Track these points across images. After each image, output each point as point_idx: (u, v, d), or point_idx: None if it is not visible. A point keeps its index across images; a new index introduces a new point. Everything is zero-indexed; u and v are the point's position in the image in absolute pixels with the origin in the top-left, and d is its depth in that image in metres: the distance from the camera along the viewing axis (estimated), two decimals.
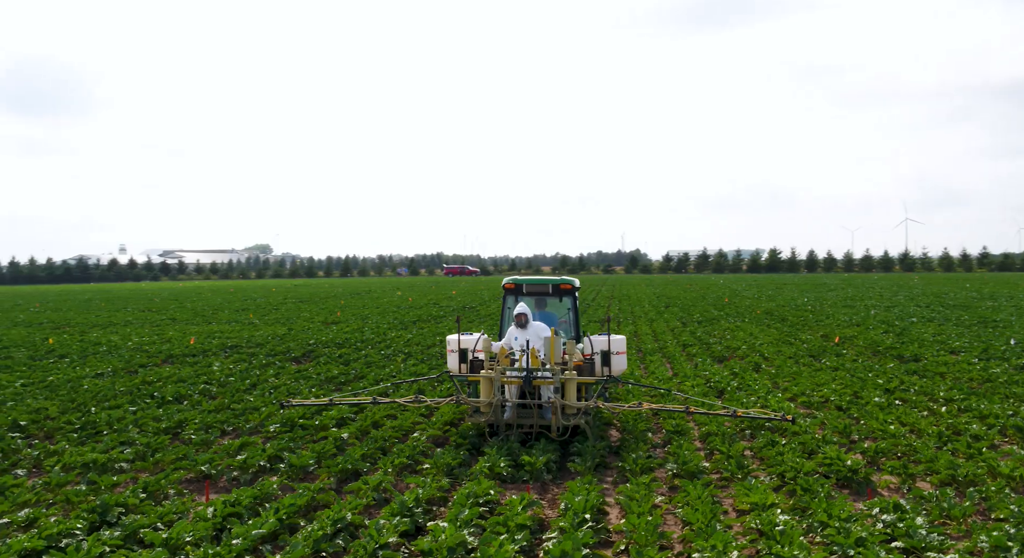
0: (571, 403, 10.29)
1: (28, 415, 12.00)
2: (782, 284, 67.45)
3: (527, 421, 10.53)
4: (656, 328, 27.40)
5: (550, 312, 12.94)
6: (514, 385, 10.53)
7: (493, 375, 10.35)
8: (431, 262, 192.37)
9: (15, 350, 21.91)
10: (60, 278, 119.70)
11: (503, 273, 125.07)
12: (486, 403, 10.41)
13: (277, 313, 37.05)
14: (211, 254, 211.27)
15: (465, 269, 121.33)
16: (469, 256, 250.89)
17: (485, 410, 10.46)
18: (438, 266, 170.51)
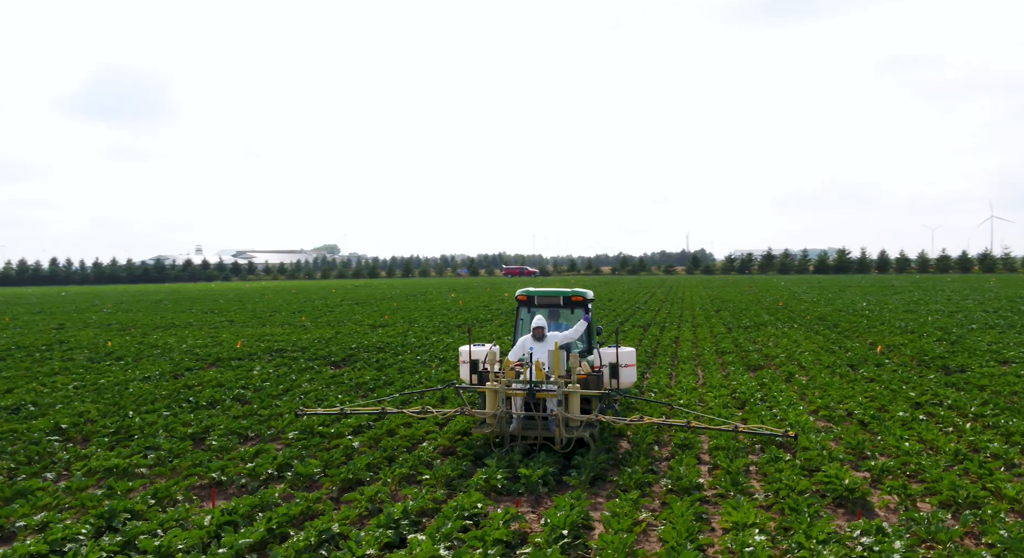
0: (574, 416, 10.47)
1: (70, 418, 12.78)
2: (846, 286, 65.62)
3: (532, 433, 10.69)
4: (699, 334, 27.16)
5: (564, 324, 13.16)
6: (520, 397, 10.74)
7: (498, 387, 10.61)
8: (492, 262, 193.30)
9: (78, 352, 23.17)
10: (139, 278, 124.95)
11: (562, 274, 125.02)
12: (491, 415, 10.63)
13: (331, 315, 38.03)
14: (281, 254, 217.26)
15: (524, 270, 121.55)
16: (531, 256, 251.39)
17: (490, 422, 10.72)
18: (499, 266, 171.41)
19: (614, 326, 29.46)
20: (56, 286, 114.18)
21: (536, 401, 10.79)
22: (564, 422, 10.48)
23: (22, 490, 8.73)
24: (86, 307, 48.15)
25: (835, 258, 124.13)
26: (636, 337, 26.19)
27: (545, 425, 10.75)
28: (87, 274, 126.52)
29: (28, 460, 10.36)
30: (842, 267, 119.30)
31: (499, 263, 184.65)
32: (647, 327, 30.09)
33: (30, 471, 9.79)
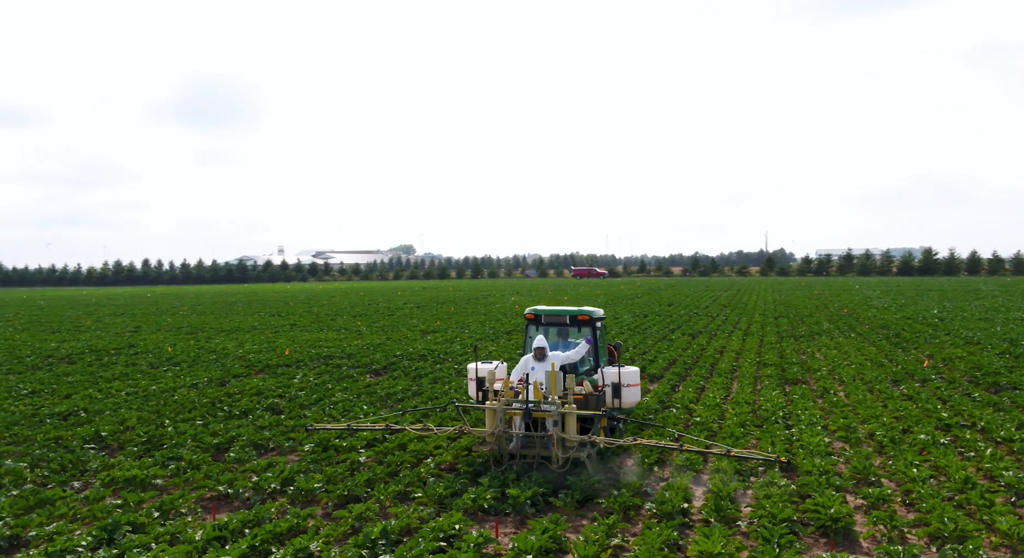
0: (570, 436, 10.69)
1: (111, 426, 13.68)
2: (925, 290, 63.02)
3: (531, 452, 10.93)
4: (748, 343, 26.74)
5: (573, 341, 13.35)
6: (520, 416, 11.02)
7: (497, 407, 10.88)
8: (563, 263, 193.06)
9: (143, 357, 24.55)
10: (223, 278, 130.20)
11: (631, 275, 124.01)
12: (490, 433, 10.94)
13: (389, 319, 38.98)
14: (358, 255, 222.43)
15: (593, 271, 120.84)
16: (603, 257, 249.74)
17: (490, 440, 11.05)
18: (569, 267, 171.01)
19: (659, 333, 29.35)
20: (147, 286, 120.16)
21: (534, 421, 11.00)
22: (561, 442, 10.70)
23: (45, 499, 9.50)
24: (165, 309, 50.62)
25: (920, 259, 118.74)
26: (681, 346, 26.00)
27: (544, 444, 10.94)
28: (175, 274, 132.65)
29: (61, 468, 11.20)
30: (928, 269, 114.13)
31: (570, 264, 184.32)
32: (696, 335, 29.79)
33: (59, 480, 10.61)
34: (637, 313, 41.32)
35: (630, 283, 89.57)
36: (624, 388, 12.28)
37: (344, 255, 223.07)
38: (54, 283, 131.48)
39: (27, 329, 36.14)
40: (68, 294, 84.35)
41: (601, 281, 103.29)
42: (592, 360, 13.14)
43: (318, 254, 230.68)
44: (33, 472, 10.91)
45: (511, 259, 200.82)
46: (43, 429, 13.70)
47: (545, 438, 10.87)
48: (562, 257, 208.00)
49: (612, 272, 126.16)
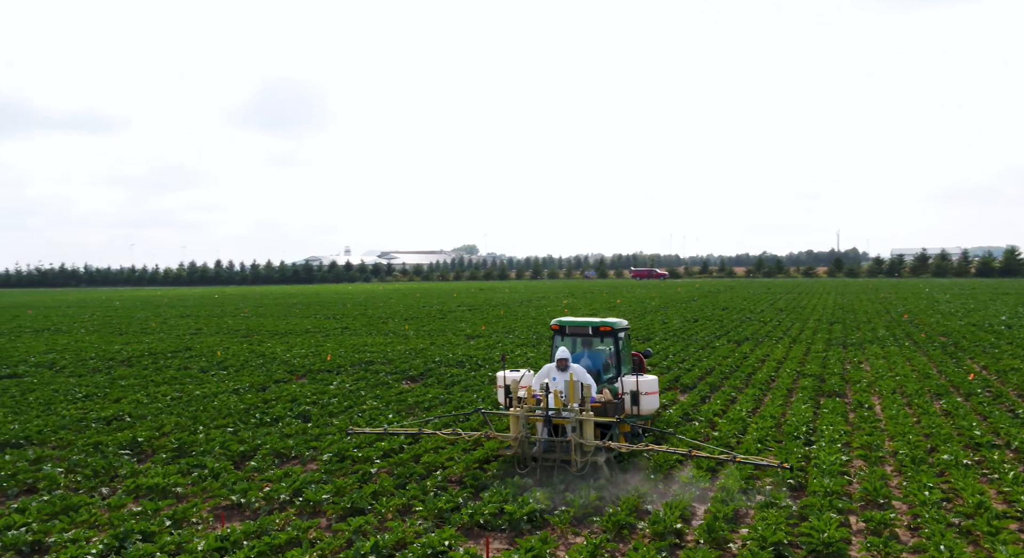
0: (588, 442, 11.38)
1: (148, 432, 14.41)
2: (1001, 294, 60.34)
3: (552, 456, 11.64)
4: (793, 352, 26.21)
5: (598, 350, 14.13)
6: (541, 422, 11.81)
7: (519, 413, 11.75)
8: (626, 263, 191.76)
9: (196, 360, 25.59)
10: (290, 279, 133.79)
11: (692, 276, 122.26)
12: (513, 437, 11.78)
13: (438, 323, 39.54)
14: (422, 255, 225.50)
15: (653, 272, 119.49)
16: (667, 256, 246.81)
17: (513, 444, 11.87)
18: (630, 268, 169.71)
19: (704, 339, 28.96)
20: (219, 286, 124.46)
21: (555, 426, 11.85)
22: (579, 447, 11.38)
23: (71, 505, 10.13)
24: (229, 310, 52.42)
25: (1001, 259, 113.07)
26: (723, 354, 25.68)
27: (564, 449, 11.58)
28: (246, 275, 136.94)
29: (94, 474, 11.89)
30: (1010, 270, 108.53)
31: (632, 264, 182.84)
32: (741, 342, 29.35)
33: (88, 485, 11.27)
34: (688, 317, 40.87)
35: (689, 285, 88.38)
36: (642, 396, 12.74)
37: (408, 255, 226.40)
38: (134, 283, 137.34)
39: (97, 331, 37.99)
40: (144, 294, 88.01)
41: (660, 282, 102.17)
42: (615, 368, 13.67)
43: (383, 254, 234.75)
44: (67, 477, 11.60)
45: (572, 259, 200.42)
46: (86, 434, 14.51)
47: (565, 443, 11.52)
48: (625, 257, 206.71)
49: (673, 273, 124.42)
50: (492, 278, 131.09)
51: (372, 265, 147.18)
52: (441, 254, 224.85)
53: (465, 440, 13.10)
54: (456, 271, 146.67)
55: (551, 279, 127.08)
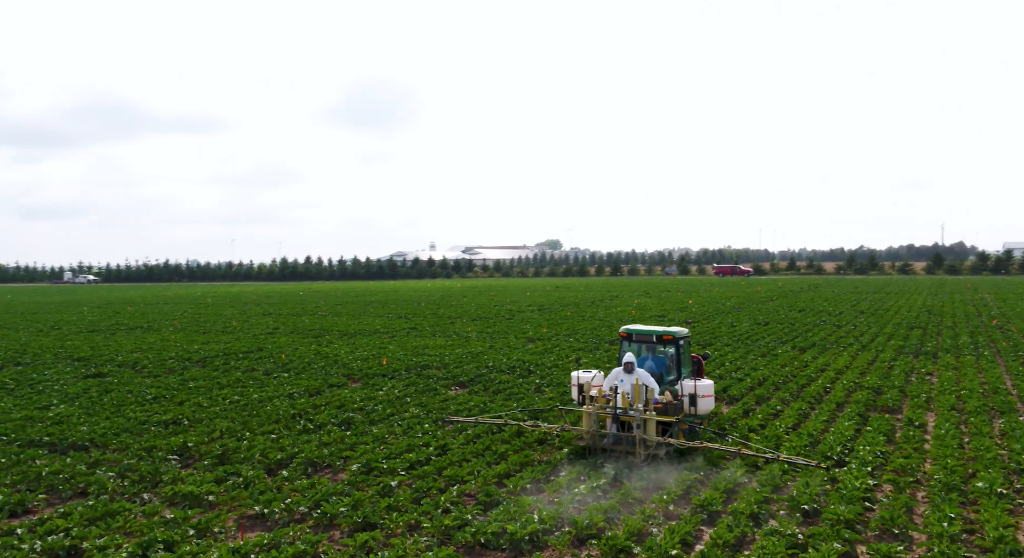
0: (650, 438, 13.25)
1: (199, 437, 15.32)
2: None
3: (619, 447, 13.64)
4: (858, 360, 25.36)
5: (661, 355, 15.88)
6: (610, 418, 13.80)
7: (591, 410, 13.77)
8: (711, 258, 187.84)
9: (263, 362, 26.79)
10: (375, 275, 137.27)
11: (779, 272, 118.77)
12: (585, 431, 13.89)
13: (507, 323, 39.97)
14: (505, 250, 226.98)
15: (737, 268, 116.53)
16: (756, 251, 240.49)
17: (585, 437, 13.94)
18: (720, 262, 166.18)
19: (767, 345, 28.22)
20: (308, 282, 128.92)
21: (622, 423, 13.74)
22: (642, 441, 13.27)
23: (111, 511, 10.96)
24: (309, 308, 54.35)
25: None
26: (782, 362, 25.09)
27: (629, 442, 13.51)
28: (333, 271, 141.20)
29: (140, 479, 12.78)
30: None
31: (720, 259, 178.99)
32: (805, 349, 28.57)
33: (133, 491, 12.12)
34: (760, 320, 39.95)
35: (771, 283, 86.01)
36: (699, 399, 14.60)
37: (491, 251, 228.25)
38: (230, 278, 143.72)
39: (184, 329, 40.14)
40: (236, 291, 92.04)
41: (742, 280, 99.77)
42: (675, 372, 15.32)
43: (467, 250, 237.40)
44: (114, 482, 12.51)
45: (655, 254, 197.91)
46: (144, 438, 15.55)
47: (630, 438, 13.47)
48: (711, 252, 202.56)
49: (758, 269, 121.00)
50: (571, 275, 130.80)
51: (454, 261, 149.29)
52: (524, 249, 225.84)
53: (543, 431, 15.06)
54: (536, 267, 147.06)
55: (631, 276, 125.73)
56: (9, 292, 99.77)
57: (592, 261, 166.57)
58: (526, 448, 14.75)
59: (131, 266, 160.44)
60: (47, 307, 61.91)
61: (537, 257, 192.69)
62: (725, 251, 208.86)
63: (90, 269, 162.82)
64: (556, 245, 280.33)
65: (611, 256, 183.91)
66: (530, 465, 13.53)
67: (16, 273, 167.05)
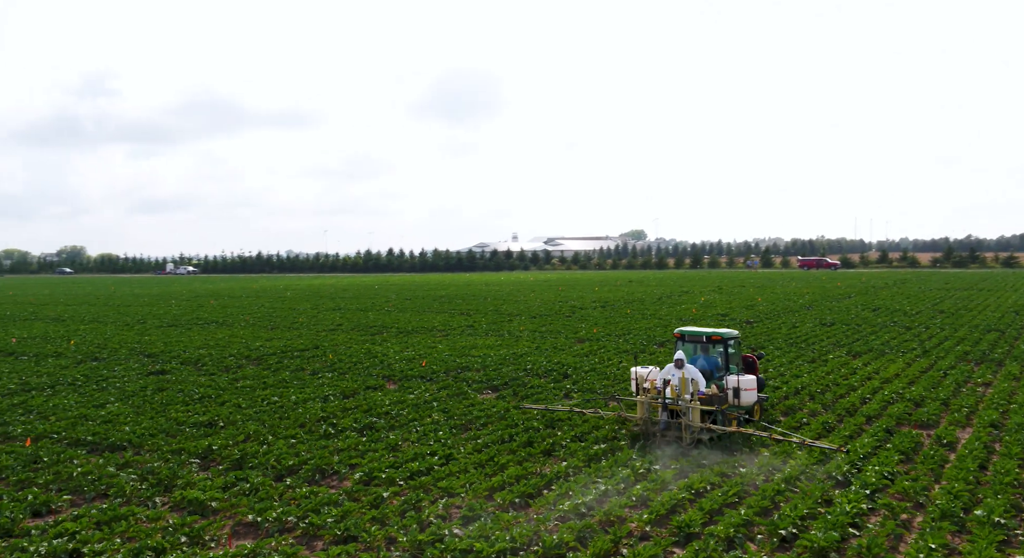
0: (695, 424, 15.32)
1: (224, 441, 16.19)
2: None
3: (669, 433, 15.78)
4: (911, 368, 24.29)
5: (712, 354, 17.72)
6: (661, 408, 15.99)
7: (644, 400, 16.02)
8: (801, 249, 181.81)
9: (313, 361, 27.83)
10: (454, 267, 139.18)
11: (868, 265, 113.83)
12: (639, 418, 16.30)
13: (566, 321, 40.06)
14: (587, 241, 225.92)
15: (823, 261, 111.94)
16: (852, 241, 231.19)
17: (639, 423, 16.35)
18: (809, 253, 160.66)
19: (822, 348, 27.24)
20: (389, 274, 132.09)
21: (672, 412, 15.90)
22: (688, 427, 15.36)
23: (120, 515, 11.81)
24: (378, 303, 55.78)
25: None
26: (829, 369, 24.28)
27: (677, 428, 15.69)
28: (414, 263, 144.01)
29: (158, 482, 13.67)
30: None
31: (807, 251, 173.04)
32: (859, 354, 27.55)
33: (147, 495, 12.97)
34: (827, 320, 38.67)
35: (855, 278, 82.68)
36: (742, 392, 16.50)
37: (573, 241, 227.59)
38: (318, 270, 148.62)
39: (254, 325, 42.00)
40: (316, 283, 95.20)
41: (823, 274, 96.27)
42: (724, 369, 17.21)
43: (548, 241, 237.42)
44: (132, 485, 13.42)
45: (742, 245, 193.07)
46: (177, 439, 16.56)
47: (678, 424, 15.65)
48: (802, 242, 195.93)
49: (846, 262, 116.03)
50: (649, 267, 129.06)
51: (532, 253, 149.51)
52: (606, 240, 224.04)
53: (603, 418, 17.36)
54: (614, 259, 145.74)
55: (711, 269, 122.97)
56: (115, 283, 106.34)
57: (674, 252, 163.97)
58: (529, 459, 14.96)
59: (227, 258, 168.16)
60: (142, 299, 65.74)
61: (619, 248, 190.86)
62: (816, 242, 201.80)
63: (190, 261, 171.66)
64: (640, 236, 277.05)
65: (694, 247, 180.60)
66: (525, 478, 13.74)
67: (125, 264, 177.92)
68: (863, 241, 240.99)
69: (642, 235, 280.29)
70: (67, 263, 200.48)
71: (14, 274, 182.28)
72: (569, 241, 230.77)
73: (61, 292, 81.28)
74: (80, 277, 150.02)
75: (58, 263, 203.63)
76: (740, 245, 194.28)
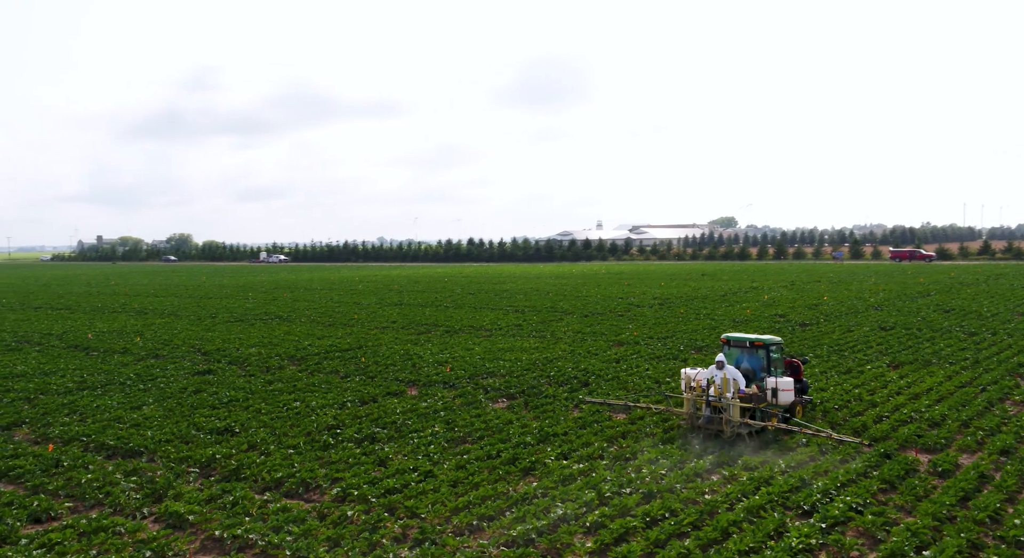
0: (735, 420, 17.21)
1: (227, 449, 17.10)
2: None
3: (711, 427, 17.66)
4: (953, 381, 23.14)
5: (757, 357, 19.33)
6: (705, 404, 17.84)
7: (690, 397, 18.12)
8: (900, 237, 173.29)
9: (352, 362, 28.80)
10: (531, 257, 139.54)
11: (968, 257, 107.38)
12: (685, 413, 18.42)
13: (618, 320, 39.88)
14: (673, 229, 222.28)
15: (916, 253, 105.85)
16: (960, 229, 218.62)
17: (684, 417, 18.51)
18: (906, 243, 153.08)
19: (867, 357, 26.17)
20: (467, 263, 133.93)
21: (715, 408, 17.68)
22: (728, 422, 17.26)
23: (103, 527, 12.81)
24: (440, 299, 56.79)
25: None
26: (864, 380, 23.44)
27: (719, 423, 17.54)
28: (493, 253, 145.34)
29: (152, 492, 14.68)
30: None
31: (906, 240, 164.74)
32: (901, 365, 26.37)
33: (138, 505, 13.95)
34: (887, 323, 37.02)
35: (945, 272, 78.40)
36: (780, 392, 18.06)
37: (658, 229, 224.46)
38: (399, 259, 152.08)
39: (314, 321, 43.63)
40: (392, 274, 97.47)
41: (918, 267, 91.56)
42: (766, 371, 18.91)
43: (633, 228, 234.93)
44: (126, 495, 14.46)
45: (835, 233, 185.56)
46: (187, 447, 17.64)
47: (719, 419, 17.51)
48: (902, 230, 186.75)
49: (943, 254, 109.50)
50: (731, 258, 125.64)
51: (611, 242, 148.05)
52: (693, 228, 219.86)
53: (655, 412, 19.67)
54: (694, 249, 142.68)
55: (795, 260, 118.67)
56: (209, 272, 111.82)
57: (762, 241, 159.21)
58: (506, 478, 15.25)
59: (316, 246, 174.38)
60: (225, 291, 69.09)
61: (705, 236, 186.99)
62: (920, 230, 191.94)
63: (281, 249, 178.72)
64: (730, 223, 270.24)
65: (784, 236, 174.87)
66: (492, 499, 14.04)
67: (224, 252, 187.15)
68: (972, 229, 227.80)
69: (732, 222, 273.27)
70: (173, 251, 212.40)
71: (126, 261, 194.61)
72: (654, 229, 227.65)
73: (157, 282, 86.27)
74: (181, 265, 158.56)
75: (166, 250, 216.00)
76: (834, 233, 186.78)
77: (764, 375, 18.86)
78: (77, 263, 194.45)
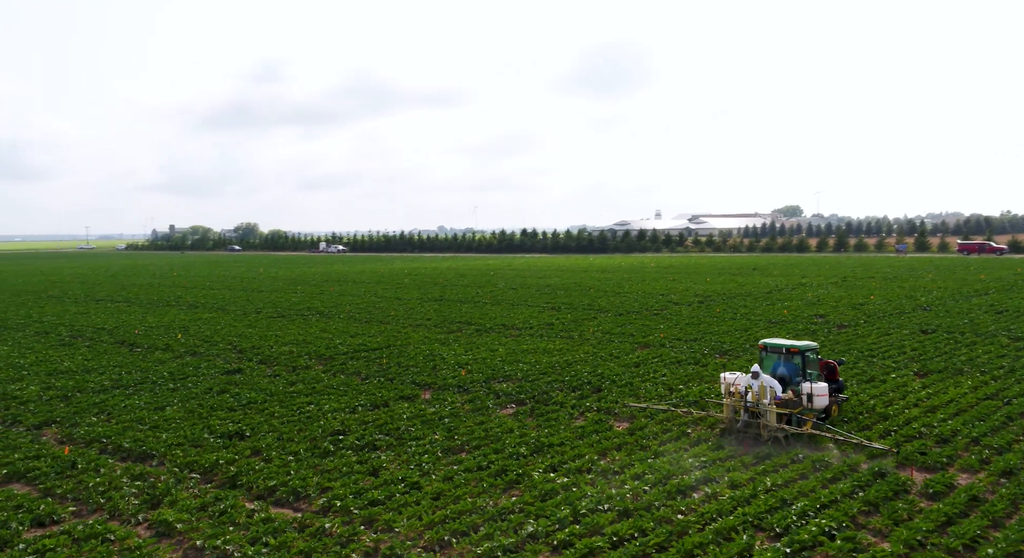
0: (771, 424, 18.15)
1: (231, 454, 17.76)
2: None
3: (749, 430, 18.64)
4: (977, 393, 22.34)
5: (793, 362, 20.02)
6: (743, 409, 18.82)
7: (729, 402, 19.16)
8: (975, 227, 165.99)
9: (374, 363, 29.36)
10: (585, 248, 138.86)
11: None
12: (724, 417, 19.41)
13: (651, 319, 39.61)
14: (734, 218, 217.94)
15: (986, 245, 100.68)
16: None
17: (724, 421, 19.45)
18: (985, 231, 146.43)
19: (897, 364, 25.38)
20: (519, 255, 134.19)
21: (752, 413, 18.63)
22: (765, 426, 18.22)
23: (96, 534, 13.52)
24: (482, 295, 57.08)
25: None
26: (884, 390, 22.83)
27: (756, 426, 18.52)
28: (546, 243, 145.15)
29: (150, 497, 15.39)
30: None
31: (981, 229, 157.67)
32: (930, 373, 25.51)
33: (137, 511, 14.66)
34: (930, 325, 35.78)
35: (1011, 267, 74.96)
36: (815, 397, 18.82)
37: (718, 219, 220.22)
38: (453, 249, 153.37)
39: (353, 317, 44.50)
40: (441, 266, 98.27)
41: (986, 260, 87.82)
42: (801, 376, 19.58)
43: (693, 218, 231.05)
44: (126, 501, 15.18)
45: (906, 222, 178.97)
46: (196, 451, 18.37)
47: (757, 423, 18.46)
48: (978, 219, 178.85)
49: (1016, 246, 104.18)
50: (789, 250, 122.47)
51: (666, 234, 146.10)
52: (755, 217, 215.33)
53: (694, 416, 20.39)
54: (751, 240, 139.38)
55: (855, 253, 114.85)
56: (268, 263, 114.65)
57: (826, 231, 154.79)
58: (488, 491, 15.46)
59: (373, 236, 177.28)
60: (277, 283, 70.87)
61: (767, 227, 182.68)
62: (997, 219, 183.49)
63: (340, 239, 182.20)
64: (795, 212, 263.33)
65: (851, 225, 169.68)
66: (468, 514, 14.28)
67: (286, 241, 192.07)
68: None
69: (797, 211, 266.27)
70: (238, 240, 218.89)
71: (194, 250, 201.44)
72: (714, 219, 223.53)
73: (216, 274, 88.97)
74: (244, 255, 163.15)
75: (232, 240, 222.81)
76: (904, 223, 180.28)
77: (800, 379, 19.57)
78: (149, 252, 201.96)
